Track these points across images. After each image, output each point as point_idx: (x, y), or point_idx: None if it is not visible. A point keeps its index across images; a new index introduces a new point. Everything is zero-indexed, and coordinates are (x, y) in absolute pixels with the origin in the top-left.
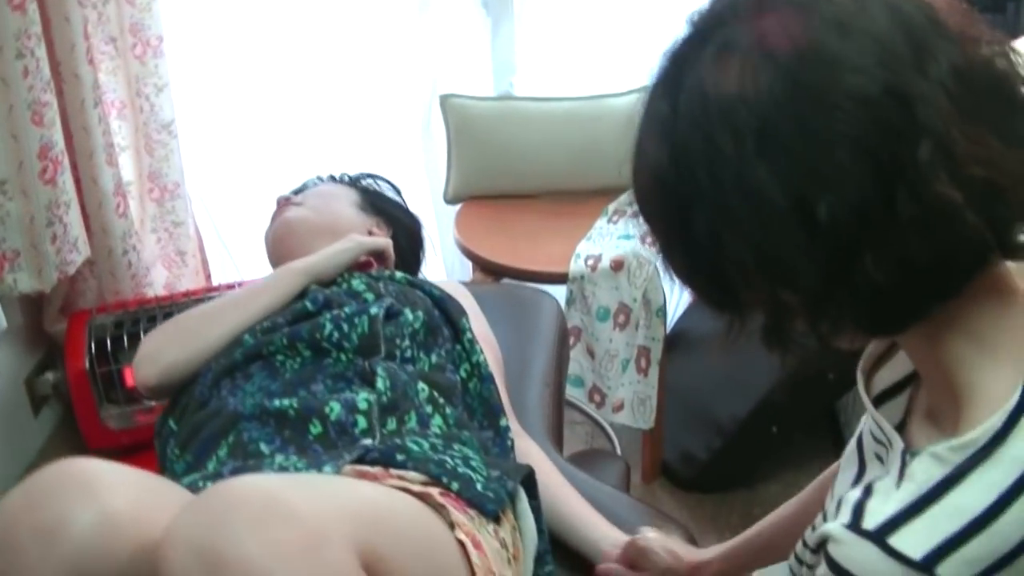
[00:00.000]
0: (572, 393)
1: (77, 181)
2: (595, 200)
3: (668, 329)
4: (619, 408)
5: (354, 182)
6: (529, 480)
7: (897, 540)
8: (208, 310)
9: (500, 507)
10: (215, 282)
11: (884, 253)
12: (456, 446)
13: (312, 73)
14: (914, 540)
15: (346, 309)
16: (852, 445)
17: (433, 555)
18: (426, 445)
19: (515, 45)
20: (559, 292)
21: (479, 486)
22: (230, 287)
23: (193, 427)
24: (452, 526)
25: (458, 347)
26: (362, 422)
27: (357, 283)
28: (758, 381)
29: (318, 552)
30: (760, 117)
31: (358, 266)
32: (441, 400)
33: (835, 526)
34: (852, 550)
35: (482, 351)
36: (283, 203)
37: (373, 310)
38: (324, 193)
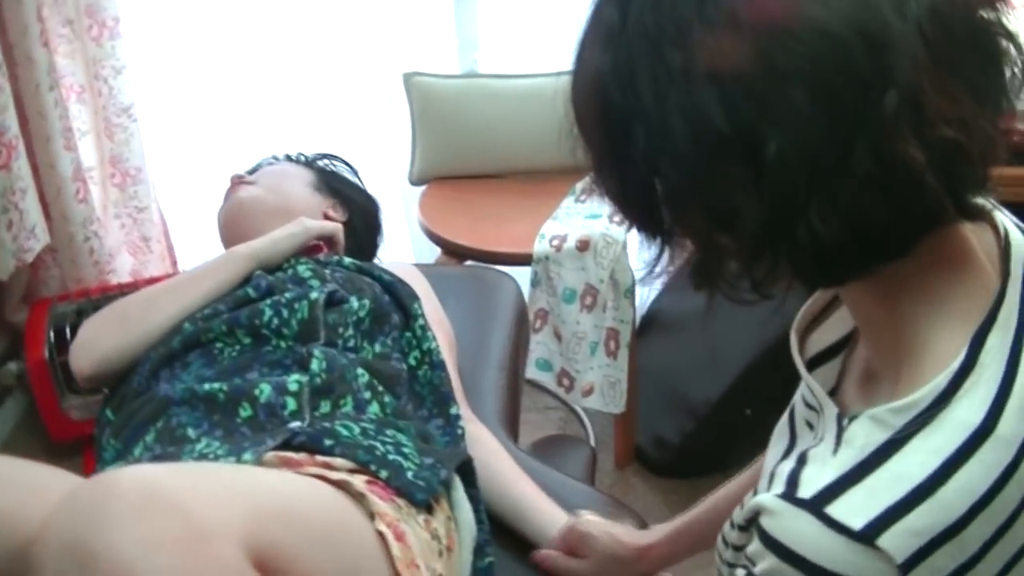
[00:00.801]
0: (541, 377)
1: (34, 167)
2: (563, 179)
3: (643, 310)
4: (589, 392)
5: (310, 162)
6: (466, 468)
7: (835, 509)
8: (147, 296)
9: (430, 496)
10: (181, 268)
11: (832, 206)
12: (389, 432)
13: (273, 52)
14: (854, 509)
15: (286, 295)
16: (784, 418)
17: (344, 547)
18: (356, 430)
19: (479, 21)
20: (525, 274)
21: (409, 474)
22: None
23: (127, 415)
24: (372, 516)
25: (408, 334)
26: (291, 404)
27: (303, 269)
28: (731, 363)
29: (199, 546)
30: (715, 38)
31: (306, 251)
32: (381, 388)
33: (767, 497)
34: (787, 521)
35: (434, 337)
36: (236, 182)
37: (313, 295)
38: (278, 172)
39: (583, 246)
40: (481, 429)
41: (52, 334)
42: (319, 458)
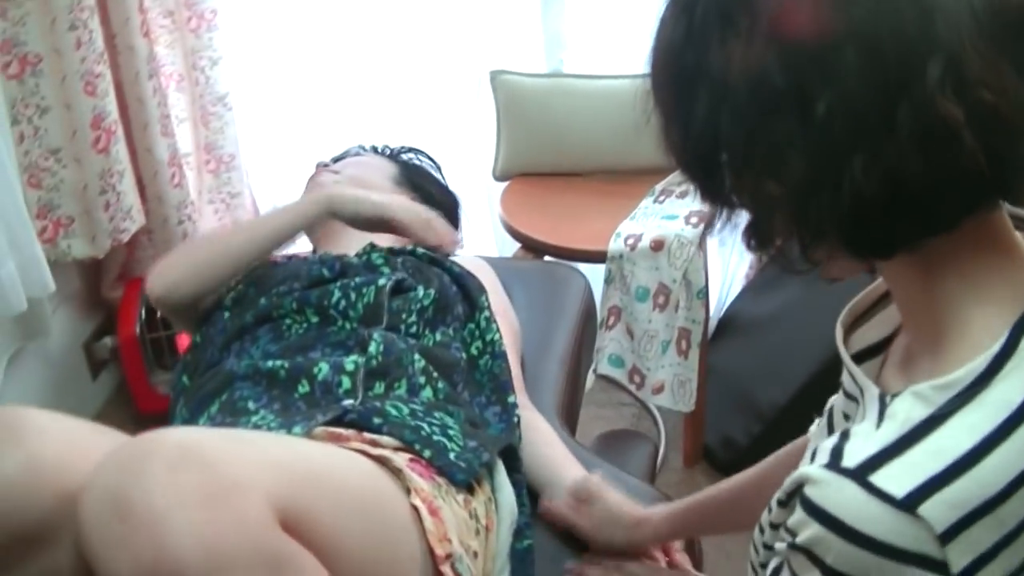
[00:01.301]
0: (613, 373)
1: (132, 151)
2: (643, 179)
3: (720, 313)
4: (659, 390)
5: (395, 155)
6: (511, 453)
7: (879, 478)
8: (220, 232)
9: (471, 477)
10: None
11: (875, 161)
12: (437, 415)
13: (365, 46)
14: (896, 478)
15: (357, 279)
16: (822, 420)
17: (377, 516)
18: (405, 411)
19: (566, 20)
20: (600, 271)
21: (452, 455)
22: (289, 258)
23: (198, 386)
24: (408, 491)
25: (471, 324)
26: (346, 382)
27: (376, 257)
28: (799, 369)
29: (226, 499)
30: (779, 2)
31: (378, 227)
32: (436, 374)
33: (812, 468)
34: (831, 490)
35: (498, 329)
36: (320, 169)
37: (381, 281)
38: (362, 164)
39: (657, 246)
40: (537, 417)
41: (143, 312)
42: (367, 435)
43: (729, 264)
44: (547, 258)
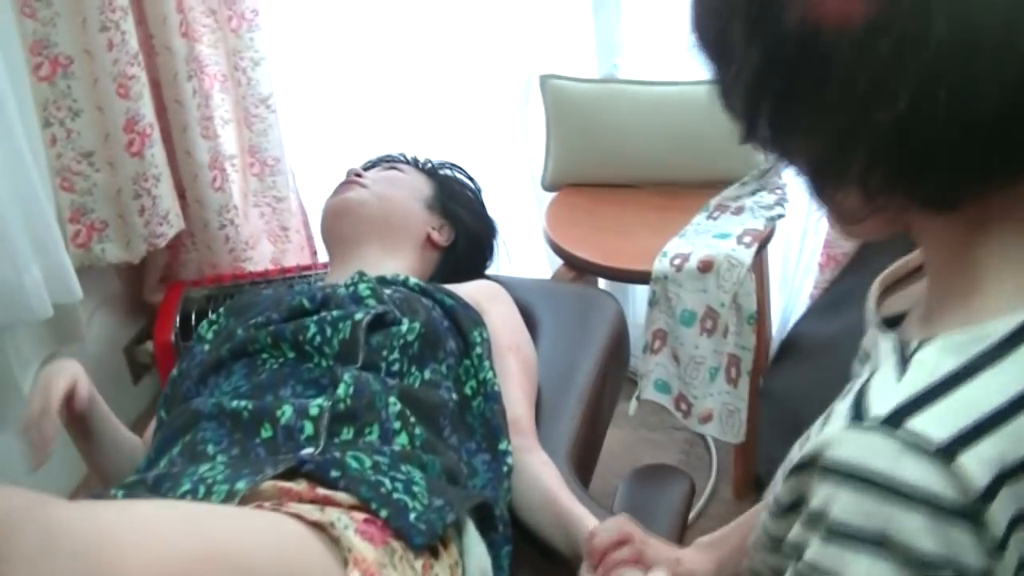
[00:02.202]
0: (659, 399)
1: (171, 154)
2: (698, 193)
3: (783, 334)
4: (706, 419)
5: (433, 172)
6: (486, 512)
7: (914, 423)
8: None
9: (431, 540)
10: (320, 258)
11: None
12: (404, 467)
13: (411, 47)
14: (932, 424)
15: (334, 312)
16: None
17: None
18: (367, 463)
19: (621, 24)
20: (644, 292)
21: (412, 515)
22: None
23: (168, 421)
24: (345, 563)
25: (467, 361)
26: (309, 428)
27: (363, 287)
28: None
29: None
30: None
31: None
32: (413, 418)
33: (832, 430)
34: (861, 445)
35: (491, 367)
36: (351, 178)
37: (358, 315)
38: (395, 181)
39: (705, 267)
40: (539, 465)
41: (179, 319)
42: (320, 491)
43: (792, 283)
44: (589, 277)
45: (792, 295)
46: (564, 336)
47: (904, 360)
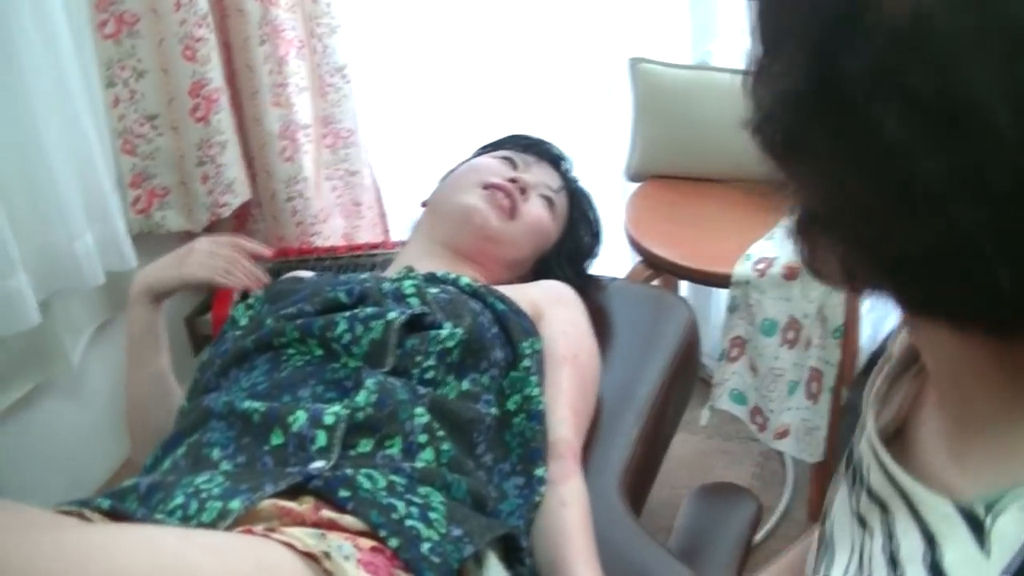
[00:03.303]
0: (734, 410)
1: (240, 121)
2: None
3: (875, 345)
4: (783, 435)
5: (574, 191)
6: (512, 543)
7: None
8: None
9: (444, 575)
10: (393, 236)
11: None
12: (423, 489)
13: (495, 23)
14: None
15: (368, 309)
16: (827, 526)
17: None
18: (381, 483)
19: (718, 8)
20: (724, 296)
21: (425, 547)
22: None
23: (183, 416)
24: None
25: (514, 374)
26: (321, 439)
27: (408, 284)
28: None
29: None
30: None
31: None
32: (441, 432)
33: None
34: None
35: (538, 383)
36: (511, 191)
37: (391, 315)
38: (544, 231)
39: (791, 274)
40: (556, 506)
41: (239, 292)
42: (325, 513)
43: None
44: (666, 276)
45: (887, 306)
46: (629, 344)
47: (978, 528)
